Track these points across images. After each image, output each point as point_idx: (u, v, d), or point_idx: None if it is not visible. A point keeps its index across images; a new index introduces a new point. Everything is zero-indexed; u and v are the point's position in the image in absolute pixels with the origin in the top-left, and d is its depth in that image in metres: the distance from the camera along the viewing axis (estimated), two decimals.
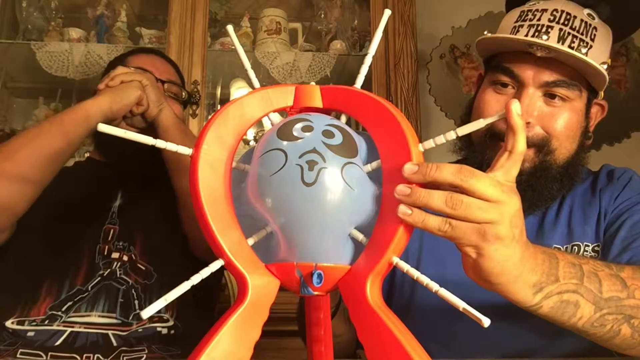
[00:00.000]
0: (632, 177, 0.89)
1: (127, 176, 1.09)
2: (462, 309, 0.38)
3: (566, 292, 0.56)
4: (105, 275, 0.96)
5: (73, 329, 0.88)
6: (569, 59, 0.79)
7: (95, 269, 0.96)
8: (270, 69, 1.79)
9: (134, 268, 0.98)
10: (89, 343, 0.88)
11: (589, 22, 0.82)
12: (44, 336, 0.87)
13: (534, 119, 0.81)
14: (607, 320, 0.60)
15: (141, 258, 1.00)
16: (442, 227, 0.45)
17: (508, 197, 0.46)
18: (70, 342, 0.88)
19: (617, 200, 0.85)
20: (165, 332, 0.94)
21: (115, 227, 1.02)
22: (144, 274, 0.98)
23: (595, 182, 0.90)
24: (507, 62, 0.84)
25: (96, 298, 0.93)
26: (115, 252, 0.99)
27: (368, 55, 0.48)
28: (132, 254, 1.00)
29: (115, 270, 0.96)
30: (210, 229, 0.42)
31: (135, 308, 0.93)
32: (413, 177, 0.42)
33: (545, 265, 0.54)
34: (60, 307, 0.91)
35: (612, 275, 0.61)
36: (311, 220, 0.42)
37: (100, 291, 0.94)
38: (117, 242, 1.00)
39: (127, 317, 0.92)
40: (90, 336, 0.89)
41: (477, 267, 0.48)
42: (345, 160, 0.42)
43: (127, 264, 0.98)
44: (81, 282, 0.94)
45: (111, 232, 1.02)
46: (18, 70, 1.92)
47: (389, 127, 0.43)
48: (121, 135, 0.43)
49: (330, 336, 0.50)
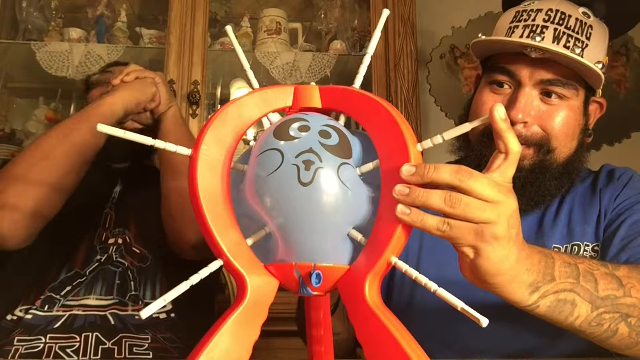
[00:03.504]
0: (632, 177, 0.89)
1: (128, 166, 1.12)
2: (460, 308, 0.38)
3: (563, 292, 0.57)
4: (102, 260, 0.98)
5: (71, 311, 0.90)
6: (564, 58, 0.80)
7: (93, 254, 0.98)
8: (270, 69, 1.79)
9: (129, 251, 1.00)
10: (87, 323, 0.89)
11: (584, 20, 0.82)
12: (43, 321, 0.89)
13: (531, 118, 0.82)
14: (604, 320, 0.60)
15: (136, 241, 1.02)
16: (440, 226, 0.45)
17: (505, 197, 0.46)
18: (68, 324, 0.89)
19: (617, 199, 0.85)
20: (164, 316, 0.94)
21: (112, 212, 1.05)
22: (139, 257, 1.00)
23: (595, 181, 0.90)
24: (503, 62, 0.84)
25: (94, 282, 0.95)
26: (112, 238, 1.01)
27: (367, 55, 0.48)
28: (126, 237, 1.02)
29: (112, 254, 0.98)
30: (209, 229, 0.42)
31: (131, 289, 0.95)
32: (411, 178, 0.42)
33: (541, 265, 0.55)
34: (59, 291, 0.92)
35: (608, 274, 0.62)
36: (308, 220, 0.42)
37: (98, 275, 0.96)
38: (114, 228, 1.03)
39: (123, 297, 0.93)
40: (89, 317, 0.90)
41: (474, 268, 0.49)
42: (341, 161, 0.42)
43: (122, 246, 1.00)
44: (80, 266, 0.96)
45: (109, 217, 1.04)
46: (18, 70, 1.92)
47: (387, 127, 0.43)
48: (120, 135, 0.43)
49: (331, 336, 0.50)
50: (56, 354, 0.85)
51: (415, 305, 0.88)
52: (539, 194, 0.84)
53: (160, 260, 1.00)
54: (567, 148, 0.84)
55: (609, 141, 2.07)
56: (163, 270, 0.99)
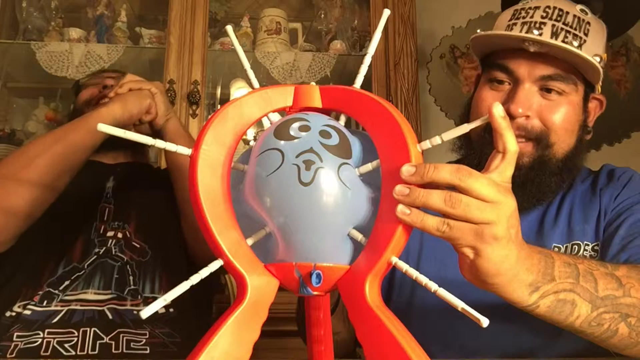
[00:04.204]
0: (632, 177, 0.89)
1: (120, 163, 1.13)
2: (460, 309, 0.38)
3: (562, 292, 0.56)
4: (100, 253, 0.97)
5: (69, 306, 0.90)
6: (562, 53, 0.80)
7: (91, 247, 0.97)
8: (270, 69, 1.79)
9: (129, 246, 1.00)
10: (85, 319, 0.89)
11: (581, 17, 0.83)
12: (42, 316, 0.89)
13: (532, 111, 0.82)
14: (604, 320, 0.60)
15: (135, 236, 1.01)
16: (440, 227, 0.44)
17: (504, 197, 0.46)
18: (67, 319, 0.89)
19: (617, 199, 0.85)
20: (162, 311, 0.94)
21: (111, 206, 1.04)
22: (139, 252, 1.00)
23: (595, 181, 0.90)
24: (501, 59, 0.85)
25: (92, 276, 0.94)
26: (111, 231, 1.01)
27: (367, 55, 0.48)
28: (126, 231, 1.01)
29: (111, 248, 0.98)
30: (209, 229, 0.42)
31: (130, 284, 0.94)
32: (411, 178, 0.42)
33: (541, 265, 0.55)
34: (57, 285, 0.92)
35: (607, 274, 0.62)
36: (308, 220, 0.41)
37: (96, 269, 0.95)
38: (113, 222, 1.02)
39: (122, 292, 0.93)
40: (87, 313, 0.90)
41: (474, 268, 0.49)
42: (341, 161, 0.42)
43: (121, 241, 1.00)
44: (77, 260, 0.96)
45: (106, 211, 1.03)
46: (18, 70, 1.92)
47: (387, 127, 0.43)
48: (121, 135, 0.43)
49: (331, 336, 0.50)
50: (54, 349, 0.85)
51: (415, 305, 0.88)
52: (539, 191, 0.84)
53: (160, 255, 1.00)
54: (565, 143, 0.84)
55: (609, 141, 2.07)
56: (163, 265, 0.98)
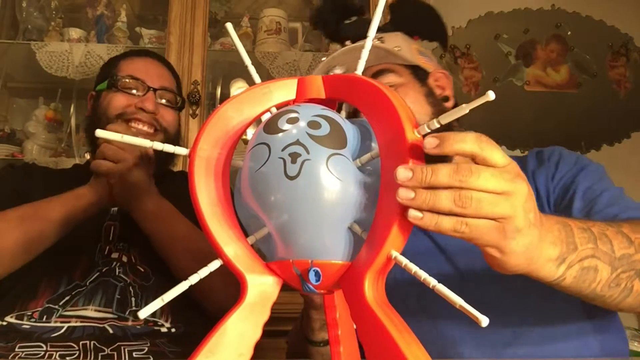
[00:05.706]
0: (562, 153, 0.87)
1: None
2: (458, 306, 0.36)
3: (586, 259, 0.55)
4: (103, 271, 0.96)
5: (69, 323, 0.89)
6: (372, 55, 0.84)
7: (93, 266, 0.96)
8: (270, 69, 1.79)
9: (133, 269, 0.99)
10: (85, 335, 0.88)
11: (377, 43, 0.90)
12: (41, 330, 0.88)
13: None
14: (621, 279, 0.59)
15: (140, 260, 1.00)
16: (458, 227, 0.41)
17: (514, 184, 0.43)
18: (67, 335, 0.88)
19: (554, 177, 0.84)
20: (165, 330, 0.94)
21: (116, 223, 1.03)
22: (142, 276, 0.98)
23: (525, 167, 0.88)
24: None
25: (93, 292, 0.93)
26: (115, 252, 0.99)
27: (368, 39, 0.46)
28: (131, 255, 1.00)
29: (114, 269, 0.97)
30: (208, 228, 0.42)
31: (132, 305, 0.93)
32: (409, 184, 0.39)
33: (562, 235, 0.53)
34: (57, 301, 0.91)
35: (618, 233, 0.61)
36: (301, 215, 0.40)
37: (98, 286, 0.94)
38: (118, 242, 1.01)
39: (123, 313, 0.92)
40: (87, 329, 0.89)
41: (504, 264, 0.47)
42: (331, 152, 0.40)
43: (126, 265, 0.98)
44: (79, 278, 0.95)
45: (112, 229, 1.02)
46: (18, 70, 1.92)
47: (385, 113, 0.41)
48: (118, 139, 0.43)
49: (353, 336, 0.48)
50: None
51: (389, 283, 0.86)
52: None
53: (163, 281, 0.98)
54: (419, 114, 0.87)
55: (609, 141, 2.06)
56: (165, 290, 0.96)
